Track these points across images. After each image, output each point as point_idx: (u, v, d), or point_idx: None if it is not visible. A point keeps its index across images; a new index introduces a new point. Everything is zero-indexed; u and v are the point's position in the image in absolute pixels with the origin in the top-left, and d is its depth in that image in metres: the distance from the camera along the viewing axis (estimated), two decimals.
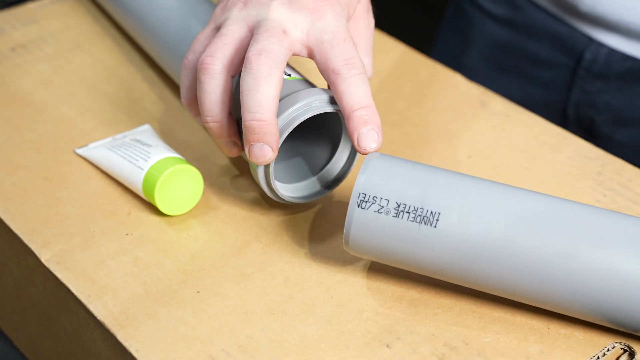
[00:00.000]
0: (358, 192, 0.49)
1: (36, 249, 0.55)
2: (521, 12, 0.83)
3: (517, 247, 0.48)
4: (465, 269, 0.49)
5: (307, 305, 0.52)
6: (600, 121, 0.82)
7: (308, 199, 0.57)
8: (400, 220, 0.49)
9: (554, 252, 0.47)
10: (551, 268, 0.47)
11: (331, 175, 0.57)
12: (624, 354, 0.50)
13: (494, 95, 0.68)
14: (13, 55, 0.72)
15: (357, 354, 0.49)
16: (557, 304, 0.49)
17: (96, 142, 0.63)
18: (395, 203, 0.49)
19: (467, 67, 0.88)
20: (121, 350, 0.50)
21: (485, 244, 0.48)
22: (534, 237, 0.48)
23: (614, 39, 0.77)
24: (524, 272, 0.48)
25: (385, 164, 0.50)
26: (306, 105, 0.53)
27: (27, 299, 0.60)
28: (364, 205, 0.49)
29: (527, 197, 0.49)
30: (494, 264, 0.48)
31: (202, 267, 0.54)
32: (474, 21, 0.87)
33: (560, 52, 0.81)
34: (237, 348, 0.50)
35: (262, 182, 0.54)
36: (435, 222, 0.48)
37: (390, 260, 0.51)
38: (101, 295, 0.52)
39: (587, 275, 0.47)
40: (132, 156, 0.58)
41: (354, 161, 0.57)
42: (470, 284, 0.50)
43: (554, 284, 0.48)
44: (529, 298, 0.49)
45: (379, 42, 0.74)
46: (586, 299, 0.48)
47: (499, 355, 0.49)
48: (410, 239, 0.49)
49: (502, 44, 0.86)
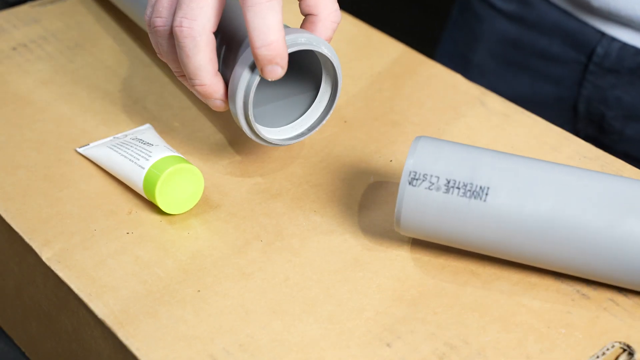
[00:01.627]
0: (409, 170, 0.51)
1: (37, 247, 0.55)
2: (532, 8, 0.83)
3: (565, 220, 0.50)
4: (514, 242, 0.51)
5: (308, 304, 0.52)
6: (611, 116, 0.82)
7: (289, 141, 0.58)
8: (451, 195, 0.51)
9: (599, 224, 0.49)
10: (597, 239, 0.49)
11: (313, 118, 0.59)
12: (623, 353, 0.50)
13: (494, 95, 0.68)
14: (14, 54, 0.72)
15: (358, 353, 0.50)
16: (601, 272, 0.51)
17: (97, 142, 0.63)
18: (445, 179, 0.51)
19: (475, 64, 0.89)
20: (122, 349, 0.50)
21: (534, 217, 0.50)
22: (580, 210, 0.50)
23: (626, 34, 0.78)
24: (570, 242, 0.50)
25: (433, 144, 0.52)
26: (291, 40, 0.54)
27: (27, 298, 0.60)
28: (415, 183, 0.51)
29: (572, 172, 0.51)
30: (542, 236, 0.50)
31: (202, 266, 0.54)
32: (483, 18, 0.87)
33: (571, 47, 0.81)
34: (237, 347, 0.50)
35: (243, 125, 0.55)
36: (485, 197, 0.50)
37: (440, 237, 0.53)
38: (102, 294, 0.52)
39: (631, 244, 0.49)
40: (133, 155, 0.58)
41: (334, 102, 0.58)
42: (517, 257, 0.52)
43: (599, 254, 0.50)
44: (573, 268, 0.51)
45: (379, 42, 0.74)
46: (630, 265, 0.50)
47: (499, 354, 0.49)
48: (461, 214, 0.51)
49: (512, 40, 0.85)
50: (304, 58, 0.58)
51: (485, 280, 0.54)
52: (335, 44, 0.73)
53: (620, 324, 0.51)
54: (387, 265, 0.54)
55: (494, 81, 0.87)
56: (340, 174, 0.61)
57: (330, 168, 0.62)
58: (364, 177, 0.61)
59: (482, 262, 0.55)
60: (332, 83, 0.58)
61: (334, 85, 0.58)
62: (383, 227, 0.57)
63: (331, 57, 0.56)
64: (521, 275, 0.54)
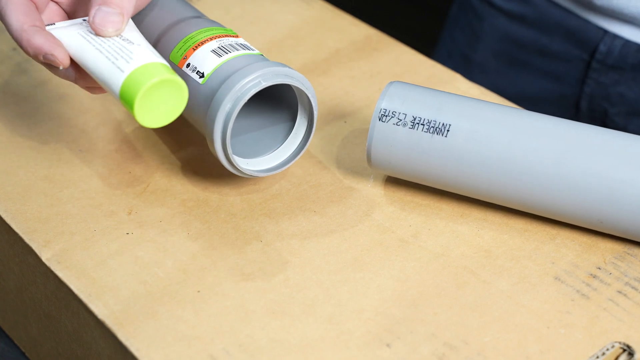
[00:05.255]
0: (379, 108, 0.56)
1: (37, 248, 0.55)
2: (534, 7, 0.83)
3: (518, 154, 0.54)
4: (473, 175, 0.55)
5: (307, 305, 0.52)
6: (614, 113, 0.82)
7: (267, 172, 0.58)
8: (416, 131, 0.56)
9: (548, 159, 0.54)
10: (546, 173, 0.54)
11: (291, 149, 0.59)
12: (623, 353, 0.50)
13: (494, 95, 0.68)
14: (14, 54, 0.72)
15: (357, 353, 0.50)
16: (550, 207, 0.55)
17: (64, 22, 0.55)
18: (412, 117, 0.56)
19: (476, 63, 0.88)
20: (122, 350, 0.50)
21: (491, 151, 0.55)
22: (532, 145, 0.54)
23: (629, 31, 0.78)
24: (523, 175, 0.54)
25: (403, 88, 0.57)
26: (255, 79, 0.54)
27: (28, 298, 0.60)
28: (384, 119, 0.56)
29: (528, 114, 0.56)
30: (497, 170, 0.55)
31: (202, 266, 0.54)
32: (484, 17, 0.87)
33: (573, 45, 0.81)
34: (237, 347, 0.50)
35: (220, 156, 0.55)
36: (447, 133, 0.55)
37: (406, 171, 0.57)
38: (102, 295, 0.52)
39: (575, 179, 0.53)
40: (110, 52, 0.52)
41: (310, 135, 0.58)
42: (475, 192, 0.56)
43: (548, 188, 0.54)
44: (526, 201, 0.55)
45: (380, 42, 0.74)
46: (575, 201, 0.54)
47: (499, 355, 0.50)
48: (424, 147, 0.56)
49: (514, 39, 0.85)
50: (280, 90, 0.58)
51: (485, 280, 0.54)
52: (335, 44, 0.73)
53: (620, 324, 0.51)
54: (387, 265, 0.54)
55: (495, 79, 0.87)
56: (340, 174, 0.61)
57: (330, 168, 0.62)
58: (364, 177, 0.61)
59: (481, 262, 0.55)
60: (308, 114, 0.58)
61: (310, 116, 0.58)
62: (384, 226, 0.57)
63: (306, 89, 0.56)
64: (521, 275, 0.54)
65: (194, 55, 0.57)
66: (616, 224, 0.54)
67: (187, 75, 0.57)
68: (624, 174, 0.53)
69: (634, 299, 0.53)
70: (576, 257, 0.55)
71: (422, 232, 0.57)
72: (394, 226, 0.57)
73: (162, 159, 0.62)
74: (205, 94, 0.56)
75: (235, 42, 0.58)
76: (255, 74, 0.54)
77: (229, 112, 0.54)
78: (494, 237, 0.57)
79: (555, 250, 0.56)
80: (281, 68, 0.55)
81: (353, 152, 0.63)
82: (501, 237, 0.57)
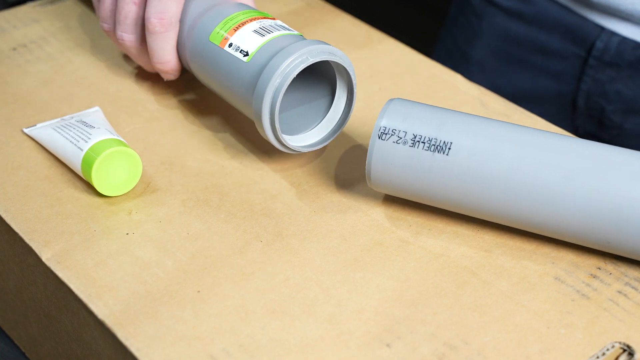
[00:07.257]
0: (379, 126, 0.55)
1: (37, 248, 0.55)
2: (532, 4, 0.83)
3: (522, 172, 0.53)
4: (474, 195, 0.54)
5: (307, 305, 0.52)
6: (611, 110, 0.82)
7: (310, 147, 0.60)
8: (416, 149, 0.54)
9: (555, 177, 0.52)
10: (551, 192, 0.52)
11: (332, 124, 0.61)
12: (623, 353, 0.50)
13: (493, 95, 0.68)
14: (14, 54, 0.72)
15: (357, 353, 0.50)
16: (556, 227, 0.53)
17: (44, 123, 0.64)
18: (412, 134, 0.54)
19: (474, 61, 0.89)
20: (122, 350, 0.50)
21: (494, 169, 0.53)
22: (536, 163, 0.53)
23: (626, 28, 0.78)
24: (527, 195, 0.53)
25: (403, 105, 0.56)
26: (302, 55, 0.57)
27: (28, 298, 0.60)
28: (384, 137, 0.55)
29: (531, 131, 0.54)
30: (500, 189, 0.53)
31: (202, 266, 0.54)
32: (482, 15, 0.87)
33: (571, 42, 0.82)
34: (237, 347, 0.50)
35: (267, 130, 0.57)
36: (448, 151, 0.54)
37: (407, 190, 0.56)
38: (102, 295, 0.52)
39: (582, 198, 0.52)
40: (73, 137, 0.60)
41: (351, 108, 0.60)
42: (477, 211, 0.55)
43: (554, 207, 0.52)
44: (531, 221, 0.54)
45: (380, 42, 0.74)
46: (583, 217, 0.52)
47: (499, 355, 0.50)
48: (425, 166, 0.54)
49: (512, 36, 0.86)
50: (319, 66, 0.60)
51: (485, 280, 0.54)
52: (335, 44, 0.73)
53: (620, 324, 0.51)
54: (387, 265, 0.54)
55: (493, 77, 0.87)
56: (340, 174, 0.61)
57: (330, 168, 0.62)
58: (364, 177, 0.61)
59: (481, 262, 0.55)
60: (348, 90, 0.60)
61: (350, 90, 0.60)
62: (384, 226, 0.57)
63: (347, 66, 0.58)
64: (521, 275, 0.54)
65: (236, 35, 0.60)
66: (624, 245, 0.52)
67: (229, 55, 0.60)
68: (632, 193, 0.51)
69: (634, 299, 0.53)
70: (576, 257, 0.55)
71: (422, 232, 0.57)
72: (394, 226, 0.57)
73: (162, 159, 0.62)
74: (251, 72, 0.58)
75: (275, 24, 0.60)
76: (301, 51, 0.56)
77: (278, 87, 0.56)
78: (494, 237, 0.57)
79: (555, 250, 0.56)
80: (325, 46, 0.57)
81: (353, 150, 0.63)
82: (501, 237, 0.57)
